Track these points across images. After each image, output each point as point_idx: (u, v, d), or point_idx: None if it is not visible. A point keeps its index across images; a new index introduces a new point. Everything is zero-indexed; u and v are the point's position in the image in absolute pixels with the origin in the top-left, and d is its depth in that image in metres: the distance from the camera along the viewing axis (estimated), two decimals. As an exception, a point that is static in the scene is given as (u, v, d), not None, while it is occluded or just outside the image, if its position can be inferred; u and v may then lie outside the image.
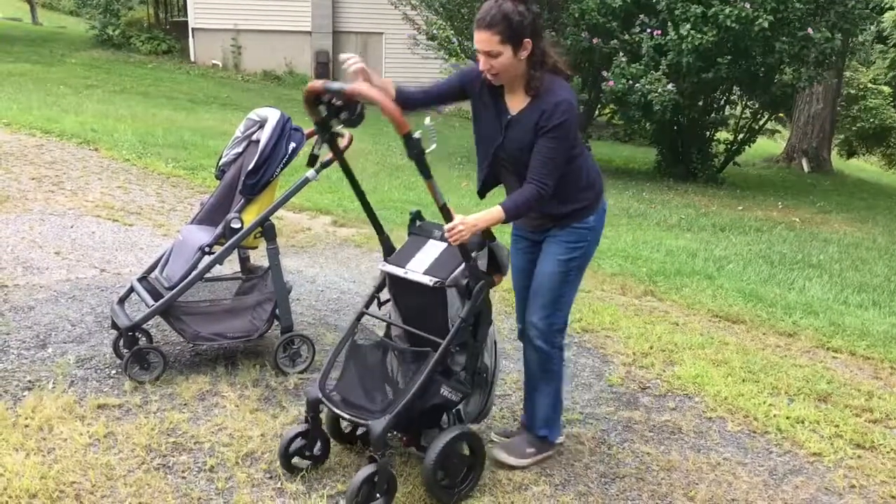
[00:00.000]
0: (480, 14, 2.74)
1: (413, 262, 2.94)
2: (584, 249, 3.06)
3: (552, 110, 2.76)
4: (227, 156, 4.02)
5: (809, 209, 11.38)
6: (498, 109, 2.95)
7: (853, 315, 5.67)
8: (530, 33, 2.75)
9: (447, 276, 2.81)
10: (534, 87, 2.82)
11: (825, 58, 11.85)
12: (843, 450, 3.56)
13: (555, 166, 2.80)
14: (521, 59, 2.78)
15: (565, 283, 3.06)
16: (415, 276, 2.86)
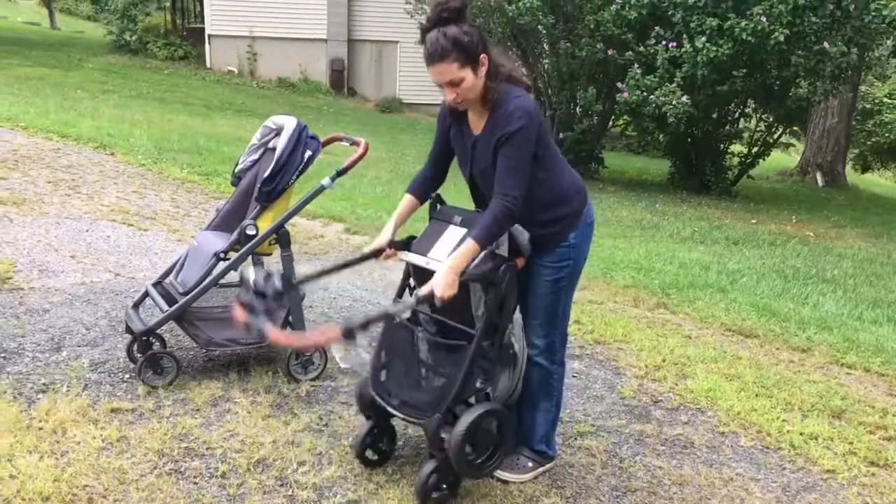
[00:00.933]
0: (429, 49, 2.71)
1: (434, 251, 2.90)
2: (570, 267, 3.02)
3: (507, 119, 2.73)
4: (243, 163, 4.04)
5: (824, 223, 11.32)
6: (464, 133, 2.96)
7: (868, 331, 5.63)
8: (482, 48, 2.73)
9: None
10: (490, 99, 2.79)
11: (841, 72, 11.80)
12: (857, 467, 3.54)
13: (519, 176, 2.73)
14: (482, 76, 2.75)
15: (557, 301, 3.05)
16: (436, 267, 2.80)
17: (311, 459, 3.16)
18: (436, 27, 2.71)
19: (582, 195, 3.03)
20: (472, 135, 2.92)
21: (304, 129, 3.86)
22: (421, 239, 3.00)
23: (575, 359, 4.53)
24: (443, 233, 2.94)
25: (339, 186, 8.53)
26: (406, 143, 13.80)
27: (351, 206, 7.94)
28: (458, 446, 2.79)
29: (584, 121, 12.45)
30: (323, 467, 3.11)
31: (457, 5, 2.70)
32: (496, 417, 2.92)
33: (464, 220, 2.91)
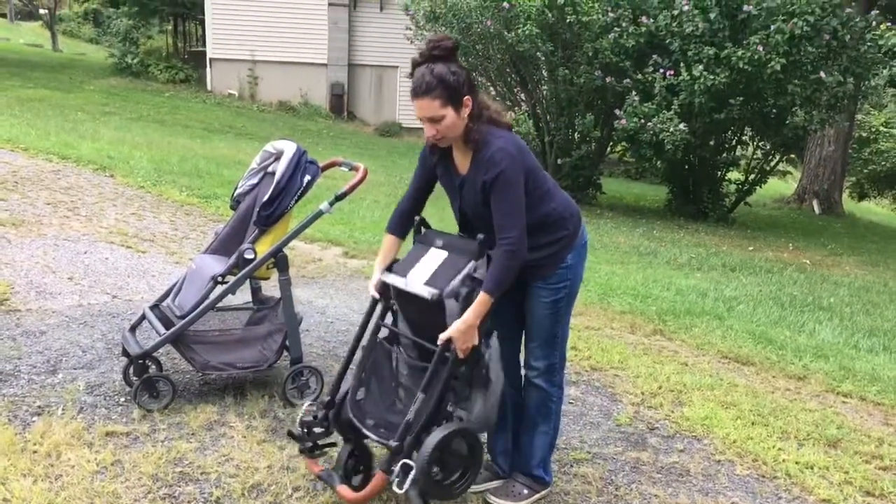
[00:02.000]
0: (415, 83, 2.75)
1: (414, 273, 2.92)
2: (568, 288, 3.05)
3: (488, 164, 2.77)
4: (242, 187, 4.07)
5: (820, 251, 11.36)
6: (450, 172, 2.99)
7: (864, 360, 5.64)
8: (467, 90, 2.77)
9: (445, 287, 2.79)
10: (472, 140, 2.82)
11: (837, 101, 11.90)
12: (852, 497, 3.53)
13: (514, 217, 2.76)
14: (464, 118, 2.79)
15: (557, 322, 3.07)
16: (414, 288, 2.84)
17: (306, 485, 3.15)
18: (426, 63, 2.76)
19: (576, 216, 3.07)
20: (459, 175, 2.95)
21: (303, 153, 3.88)
22: (403, 261, 3.03)
23: (571, 385, 4.53)
24: (424, 255, 2.96)
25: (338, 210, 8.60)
26: (405, 167, 13.86)
27: (349, 229, 7.97)
28: (425, 466, 2.71)
29: (582, 147, 12.52)
30: (318, 493, 3.10)
31: (448, 45, 2.76)
32: (465, 438, 2.85)
33: (445, 243, 2.93)
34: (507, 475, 3.27)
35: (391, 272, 3.00)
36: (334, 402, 3.08)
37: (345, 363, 3.15)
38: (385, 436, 2.88)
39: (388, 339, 3.13)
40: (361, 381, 3.10)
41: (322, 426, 3.05)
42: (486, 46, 12.68)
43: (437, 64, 2.74)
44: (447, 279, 2.80)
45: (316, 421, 3.04)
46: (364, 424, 2.97)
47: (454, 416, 2.91)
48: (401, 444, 2.75)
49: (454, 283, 2.78)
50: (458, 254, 2.85)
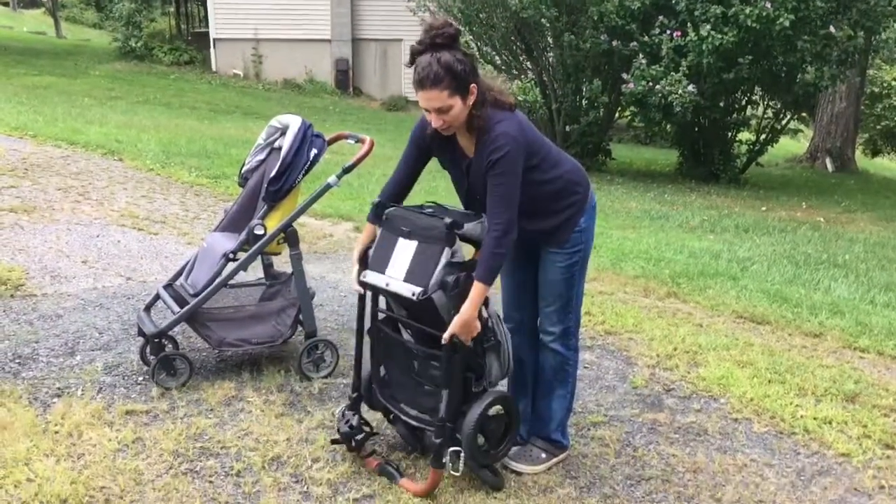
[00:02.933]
0: (421, 73, 2.69)
1: (391, 268, 2.87)
2: (582, 252, 3.06)
3: (491, 148, 2.73)
4: (249, 163, 4.06)
5: (834, 209, 11.26)
6: (455, 155, 2.96)
7: (880, 315, 5.60)
8: (473, 77, 2.72)
9: (428, 283, 2.75)
10: (476, 126, 2.79)
11: (848, 56, 11.74)
12: (871, 450, 3.52)
13: (507, 202, 2.73)
14: (468, 106, 2.75)
15: (571, 286, 3.07)
16: (396, 288, 2.82)
17: (326, 456, 3.17)
18: (428, 51, 2.70)
19: (585, 179, 3.09)
20: (466, 158, 2.93)
21: (309, 127, 3.87)
22: (375, 254, 2.95)
23: (586, 349, 4.53)
24: (394, 248, 2.89)
25: (347, 185, 8.60)
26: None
27: (359, 204, 7.95)
28: (471, 441, 2.85)
29: (591, 113, 12.41)
30: (337, 463, 3.12)
31: (451, 32, 2.70)
32: (500, 403, 2.99)
33: (412, 231, 2.85)
34: (524, 441, 3.29)
35: (368, 269, 2.95)
36: (361, 396, 3.19)
37: (357, 353, 3.20)
38: (422, 420, 3.01)
39: (387, 321, 3.16)
40: (379, 362, 3.18)
41: (361, 432, 3.10)
42: (489, 15, 12.56)
43: (442, 52, 2.68)
44: (426, 273, 2.75)
45: (354, 429, 3.09)
46: (398, 408, 3.10)
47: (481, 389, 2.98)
48: (444, 439, 2.83)
49: (436, 276, 2.74)
50: (429, 242, 2.79)
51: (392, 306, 3.12)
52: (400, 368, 3.16)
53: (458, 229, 2.79)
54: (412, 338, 3.13)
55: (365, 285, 3.00)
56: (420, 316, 2.96)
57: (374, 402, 3.22)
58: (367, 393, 3.21)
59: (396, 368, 3.18)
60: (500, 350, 2.99)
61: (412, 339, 3.12)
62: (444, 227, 2.75)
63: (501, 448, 3.05)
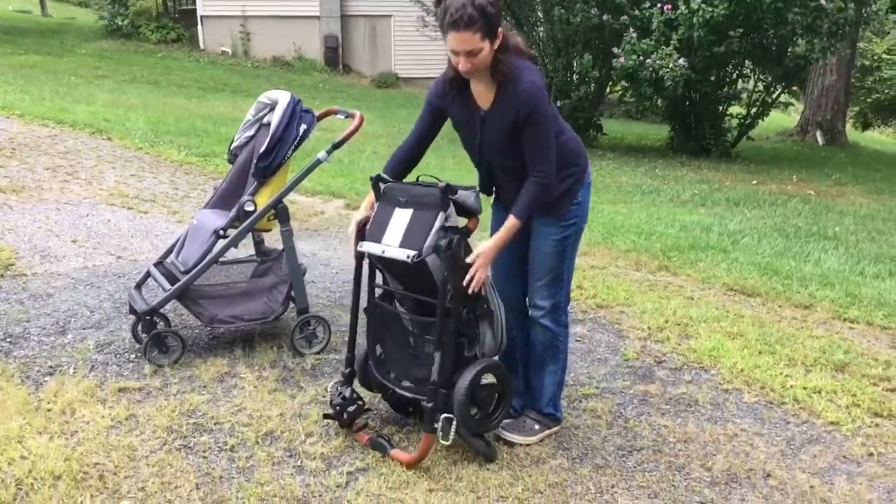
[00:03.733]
0: (454, 15, 2.64)
1: (388, 236, 2.91)
2: (577, 225, 3.09)
3: (523, 98, 2.75)
4: (238, 139, 4.04)
5: (824, 182, 11.29)
6: (469, 109, 2.94)
7: (869, 286, 5.64)
8: (498, 24, 2.71)
9: (422, 246, 2.79)
10: (500, 72, 2.77)
11: (838, 28, 11.71)
12: (860, 418, 3.56)
13: (549, 153, 2.83)
14: (494, 49, 2.73)
15: (563, 260, 3.08)
16: (392, 253, 2.85)
17: (319, 431, 3.19)
18: None
19: (584, 152, 3.12)
20: (479, 109, 2.90)
21: (298, 102, 3.84)
22: (373, 225, 2.99)
23: (578, 323, 4.55)
24: (391, 217, 2.93)
25: (338, 162, 8.57)
26: (403, 117, 13.75)
27: (350, 181, 7.94)
28: (463, 408, 2.88)
29: (582, 88, 12.36)
30: (331, 438, 3.14)
31: None
32: (491, 372, 3.00)
33: (408, 199, 2.90)
34: (518, 413, 3.32)
35: (365, 240, 2.99)
36: (355, 371, 3.20)
37: (351, 330, 3.20)
38: (415, 391, 3.03)
39: (384, 296, 3.17)
40: (376, 340, 3.19)
41: (354, 404, 3.12)
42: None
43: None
44: (422, 237, 2.80)
45: (347, 401, 3.11)
46: (392, 381, 3.12)
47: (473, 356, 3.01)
48: (435, 404, 2.86)
49: (430, 239, 2.78)
50: (424, 208, 2.85)
51: (388, 280, 3.13)
52: (396, 343, 3.18)
53: (453, 194, 2.83)
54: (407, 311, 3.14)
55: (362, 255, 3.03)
56: (415, 284, 2.98)
57: (370, 380, 3.22)
58: (361, 372, 3.22)
59: (392, 343, 3.19)
60: (493, 319, 3.02)
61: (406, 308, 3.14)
62: (438, 191, 2.80)
63: (494, 417, 3.06)
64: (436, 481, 2.88)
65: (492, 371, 3.01)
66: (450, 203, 2.84)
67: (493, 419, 3.07)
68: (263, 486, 2.79)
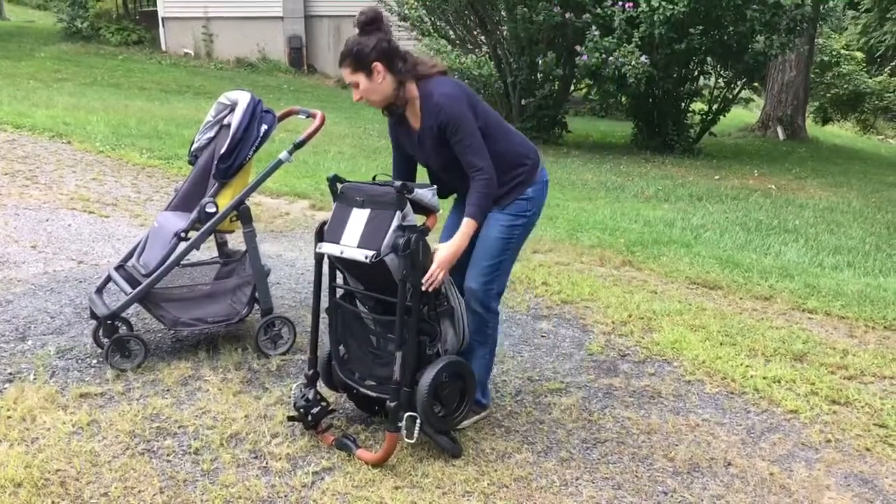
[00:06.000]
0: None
1: (346, 237, 2.96)
2: (527, 219, 3.17)
3: (437, 110, 2.95)
4: (199, 141, 4.01)
5: (785, 176, 11.47)
6: (409, 132, 3.15)
7: (828, 277, 5.75)
8: (376, 57, 2.93)
9: (380, 245, 2.83)
10: (400, 102, 3.03)
11: (796, 24, 11.90)
12: (818, 406, 3.63)
13: (476, 150, 2.96)
14: (381, 82, 2.96)
15: (507, 249, 3.16)
16: (350, 254, 2.90)
17: (284, 431, 3.18)
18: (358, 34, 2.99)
19: (535, 152, 3.21)
20: (415, 131, 3.10)
21: (258, 103, 3.83)
22: (331, 225, 3.05)
23: (543, 319, 4.58)
24: (349, 218, 2.98)
25: (303, 163, 8.54)
26: (368, 117, 13.70)
27: (316, 182, 7.90)
28: (426, 406, 2.91)
29: (546, 86, 12.42)
30: (296, 438, 3.13)
31: (368, 17, 2.97)
32: (454, 369, 3.03)
33: (365, 198, 2.96)
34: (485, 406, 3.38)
35: (323, 241, 3.04)
36: (318, 373, 3.22)
37: (313, 331, 3.21)
38: (379, 390, 3.06)
39: (345, 296, 3.20)
40: (338, 341, 3.21)
41: (318, 405, 3.12)
42: (442, -12, 12.48)
43: (361, 35, 2.96)
44: (380, 237, 2.85)
45: (310, 403, 3.11)
46: (356, 381, 3.15)
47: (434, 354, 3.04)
48: (398, 403, 2.88)
49: (387, 239, 2.84)
50: (381, 208, 2.91)
51: (349, 280, 3.15)
52: (358, 343, 3.20)
53: (409, 193, 2.91)
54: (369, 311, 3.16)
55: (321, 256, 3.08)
56: (375, 284, 3.01)
57: (334, 381, 3.24)
58: (324, 372, 3.23)
59: (355, 343, 3.21)
60: (454, 316, 3.07)
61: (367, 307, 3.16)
62: (394, 190, 2.86)
63: (458, 414, 3.09)
64: (402, 478, 2.89)
65: (454, 367, 3.03)
66: (406, 202, 2.89)
67: (456, 416, 3.09)
68: (228, 487, 2.78)
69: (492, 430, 3.29)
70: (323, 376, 3.24)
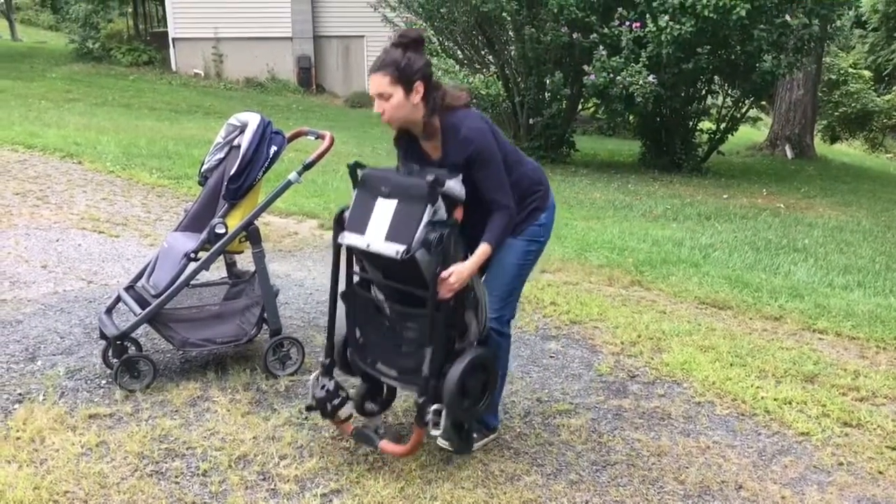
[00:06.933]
0: (377, 59, 2.90)
1: (371, 230, 2.87)
2: (540, 245, 3.18)
3: (466, 147, 2.87)
4: (209, 162, 4.03)
5: (794, 195, 11.45)
6: (420, 158, 3.06)
7: (838, 296, 5.72)
8: (421, 77, 2.86)
9: (411, 241, 2.76)
10: (432, 131, 2.94)
11: (804, 44, 11.92)
12: (830, 428, 3.61)
13: (501, 186, 2.93)
14: (416, 103, 2.88)
15: (520, 275, 3.17)
16: (378, 247, 2.82)
17: (293, 453, 3.17)
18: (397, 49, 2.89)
19: (545, 178, 3.21)
20: (432, 161, 3.03)
21: (268, 124, 3.85)
22: (353, 215, 2.97)
23: (552, 339, 4.57)
24: (373, 208, 2.90)
25: (312, 183, 8.57)
26: (377, 136, 13.76)
27: (324, 202, 7.93)
28: (454, 405, 2.87)
29: (553, 105, 12.46)
30: (304, 460, 3.12)
31: (413, 36, 2.91)
32: (480, 362, 2.98)
33: (391, 189, 2.88)
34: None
35: (346, 230, 2.96)
36: (335, 361, 3.18)
37: (330, 318, 3.17)
38: (402, 381, 3.05)
39: (362, 283, 3.15)
40: (356, 326, 3.16)
41: (338, 396, 3.10)
42: (450, 9, 12.55)
43: (402, 49, 2.86)
44: (409, 231, 2.78)
45: (330, 393, 3.09)
46: (377, 370, 3.11)
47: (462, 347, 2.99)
48: (427, 397, 2.85)
49: (419, 234, 2.76)
50: (410, 201, 2.82)
51: (367, 267, 3.09)
52: (375, 330, 3.14)
53: (441, 186, 2.81)
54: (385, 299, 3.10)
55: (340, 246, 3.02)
56: (398, 275, 2.95)
57: (352, 366, 3.20)
58: (340, 358, 3.19)
59: (372, 330, 3.15)
60: (478, 307, 3.01)
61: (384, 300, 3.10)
62: (426, 184, 2.77)
63: (481, 404, 3.05)
64: (410, 501, 2.87)
65: (480, 360, 2.97)
66: (438, 196, 2.80)
67: (480, 406, 3.05)
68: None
69: (501, 452, 3.28)
70: (339, 362, 3.20)
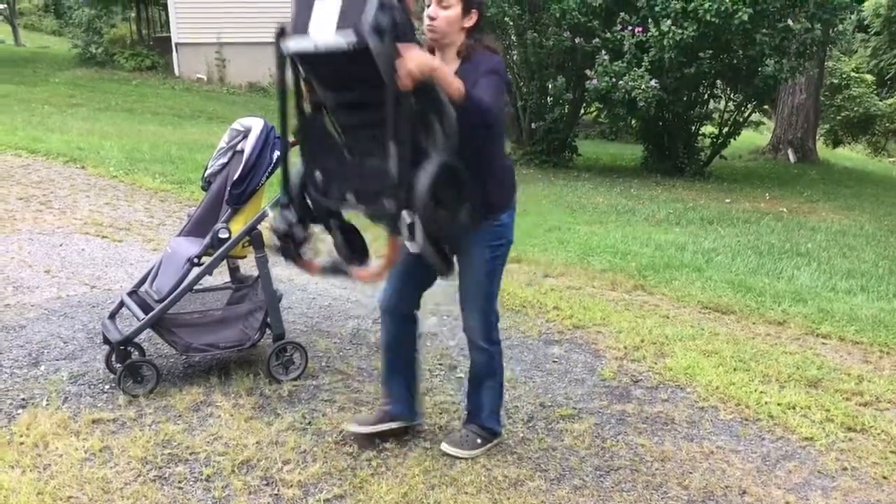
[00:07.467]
0: None
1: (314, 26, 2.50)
2: (504, 247, 3.15)
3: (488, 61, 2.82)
4: (212, 167, 4.04)
5: (797, 199, 11.44)
6: None
7: (842, 301, 5.71)
8: (478, 7, 2.86)
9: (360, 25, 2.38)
10: (464, 52, 2.88)
11: (806, 48, 11.93)
12: (834, 433, 3.60)
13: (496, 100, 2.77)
14: (467, 25, 2.86)
15: (492, 281, 3.16)
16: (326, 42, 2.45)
17: (296, 458, 3.17)
18: None
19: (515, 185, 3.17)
20: None
21: (271, 129, 3.86)
22: (294, 19, 2.58)
23: (555, 344, 4.57)
24: (313, 5, 2.54)
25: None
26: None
27: (326, 206, 7.92)
28: (427, 211, 2.60)
29: (556, 110, 12.49)
30: (308, 465, 3.12)
31: None
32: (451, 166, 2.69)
33: None
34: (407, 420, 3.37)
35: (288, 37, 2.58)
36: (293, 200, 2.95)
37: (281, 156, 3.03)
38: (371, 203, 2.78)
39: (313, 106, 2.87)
40: (312, 162, 2.94)
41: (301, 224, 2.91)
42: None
43: None
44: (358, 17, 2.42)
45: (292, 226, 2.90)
46: (345, 202, 2.88)
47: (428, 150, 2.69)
48: (398, 204, 2.59)
49: (368, 14, 2.40)
50: None
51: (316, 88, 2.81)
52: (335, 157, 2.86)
53: None
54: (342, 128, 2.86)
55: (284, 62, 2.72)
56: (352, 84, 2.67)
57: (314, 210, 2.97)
58: (300, 200, 2.95)
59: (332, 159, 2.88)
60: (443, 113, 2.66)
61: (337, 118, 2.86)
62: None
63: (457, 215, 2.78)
64: (414, 506, 2.87)
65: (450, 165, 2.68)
66: None
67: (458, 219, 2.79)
68: (240, 515, 2.77)
69: (504, 457, 3.27)
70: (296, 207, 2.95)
